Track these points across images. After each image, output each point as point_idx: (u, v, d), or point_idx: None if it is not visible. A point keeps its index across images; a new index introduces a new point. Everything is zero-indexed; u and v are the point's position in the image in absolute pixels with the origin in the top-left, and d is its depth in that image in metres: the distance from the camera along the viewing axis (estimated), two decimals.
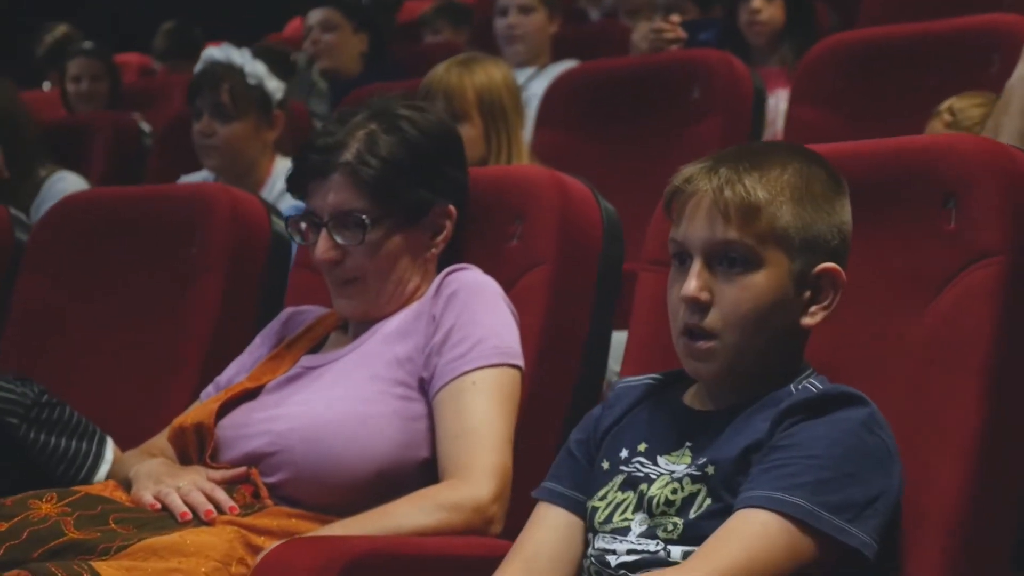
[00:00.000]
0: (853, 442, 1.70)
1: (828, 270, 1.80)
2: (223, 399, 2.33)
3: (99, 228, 2.94)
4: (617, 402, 1.94)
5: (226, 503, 2.16)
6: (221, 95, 3.85)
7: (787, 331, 1.80)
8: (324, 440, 2.20)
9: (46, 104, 6.29)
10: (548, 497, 1.92)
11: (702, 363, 1.80)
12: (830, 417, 1.72)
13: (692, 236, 1.79)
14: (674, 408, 1.87)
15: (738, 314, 1.77)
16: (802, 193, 1.78)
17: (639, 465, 1.83)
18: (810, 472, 1.67)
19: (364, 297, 2.34)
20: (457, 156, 2.41)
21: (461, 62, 3.56)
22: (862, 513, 1.68)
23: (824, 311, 1.81)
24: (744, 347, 1.78)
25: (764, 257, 1.76)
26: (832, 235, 1.80)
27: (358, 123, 2.33)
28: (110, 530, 2.07)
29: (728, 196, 1.76)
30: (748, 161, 1.79)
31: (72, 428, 2.55)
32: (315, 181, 2.33)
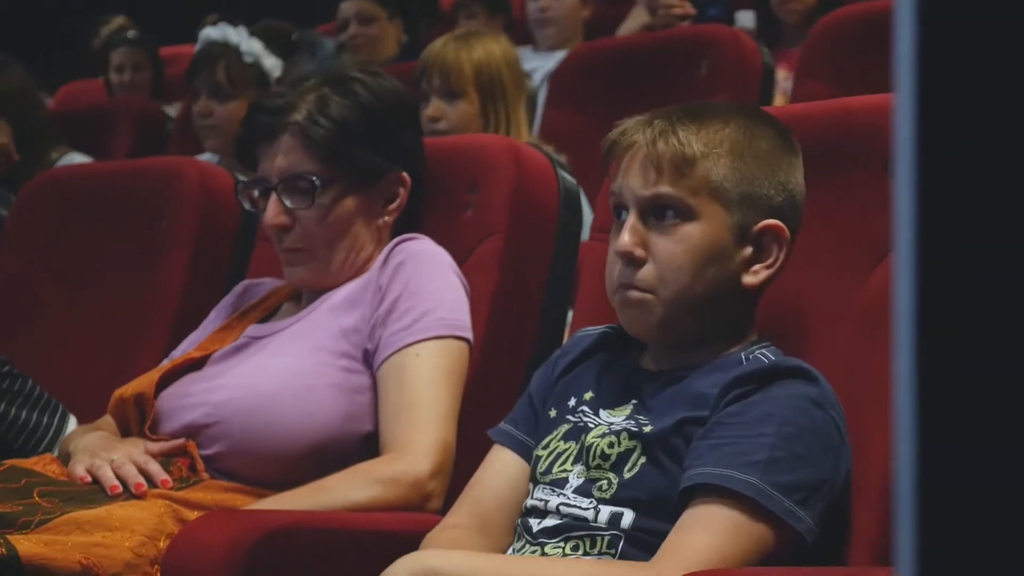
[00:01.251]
0: (803, 422, 1.63)
1: (770, 227, 1.73)
2: (165, 369, 2.28)
3: (73, 204, 2.91)
4: (572, 349, 1.89)
5: (159, 476, 2.10)
6: (217, 74, 3.82)
7: (728, 289, 1.74)
8: (261, 412, 2.14)
9: (94, 95, 6.30)
10: (500, 438, 1.90)
11: (638, 313, 1.75)
12: (780, 391, 1.65)
13: (626, 189, 1.75)
14: (627, 364, 1.82)
15: (672, 266, 1.72)
16: (743, 148, 1.72)
17: (582, 415, 1.79)
18: (761, 450, 1.61)
19: (314, 265, 2.28)
20: (412, 123, 2.35)
21: (459, 37, 3.49)
22: (810, 497, 1.62)
23: (768, 270, 1.75)
24: (680, 302, 1.72)
25: (697, 209, 1.71)
26: (775, 192, 1.74)
27: (310, 86, 2.27)
28: (33, 503, 2.02)
29: (661, 148, 1.71)
30: (688, 115, 1.75)
31: (34, 401, 2.52)
32: (264, 144, 2.27)
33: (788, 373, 1.67)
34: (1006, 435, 0.60)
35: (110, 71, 6.21)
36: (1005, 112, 0.60)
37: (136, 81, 6.11)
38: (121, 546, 1.97)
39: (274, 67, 3.86)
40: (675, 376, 1.75)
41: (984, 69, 0.60)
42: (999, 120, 0.60)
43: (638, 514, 1.68)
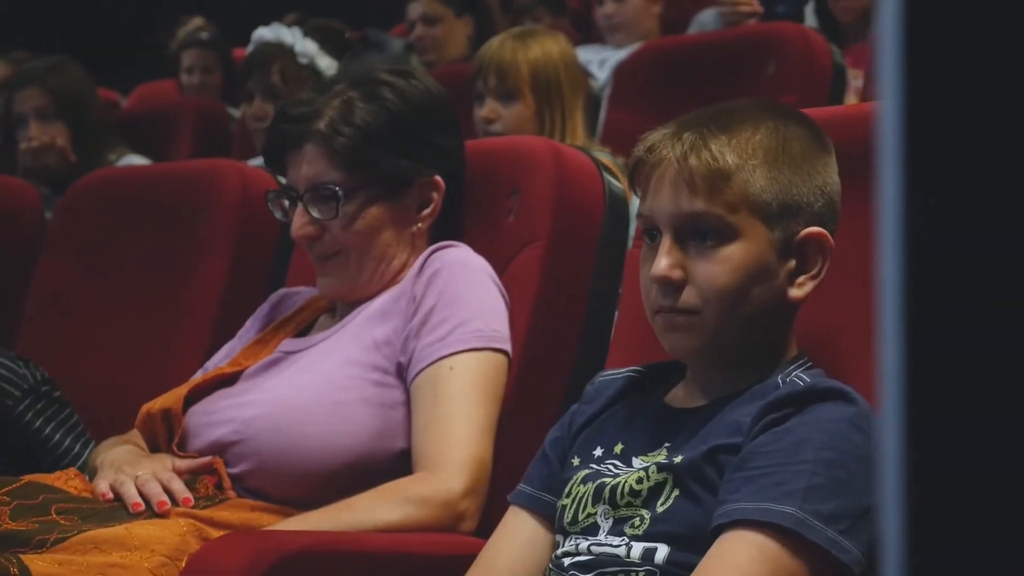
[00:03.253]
0: (844, 445, 1.52)
1: (813, 235, 1.63)
2: (194, 384, 2.21)
3: (114, 207, 2.85)
4: (596, 397, 1.78)
5: (181, 494, 2.02)
6: (272, 76, 3.75)
7: (772, 306, 1.63)
8: (289, 428, 2.06)
9: (166, 96, 6.28)
10: (516, 500, 1.79)
11: (682, 335, 1.63)
12: (816, 414, 1.54)
13: (658, 210, 1.63)
14: (655, 407, 1.71)
15: (715, 288, 1.60)
16: (777, 154, 1.61)
17: (612, 466, 1.67)
18: (799, 479, 1.50)
19: (345, 275, 2.19)
20: (446, 124, 2.24)
21: (517, 36, 3.39)
22: (855, 525, 1.51)
23: (813, 280, 1.64)
24: (726, 323, 1.62)
25: (738, 227, 1.60)
26: (814, 197, 1.63)
27: (337, 91, 2.19)
28: (50, 521, 1.95)
29: (693, 164, 1.59)
30: (715, 123, 1.62)
31: (69, 426, 2.48)
32: (290, 153, 2.19)
33: (825, 395, 1.56)
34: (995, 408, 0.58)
35: (181, 72, 6.19)
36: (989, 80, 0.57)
37: (206, 83, 6.08)
38: (140, 567, 1.89)
39: (329, 67, 3.78)
40: (710, 411, 1.64)
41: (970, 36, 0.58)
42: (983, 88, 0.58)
43: (673, 548, 1.57)
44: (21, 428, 2.44)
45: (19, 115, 3.97)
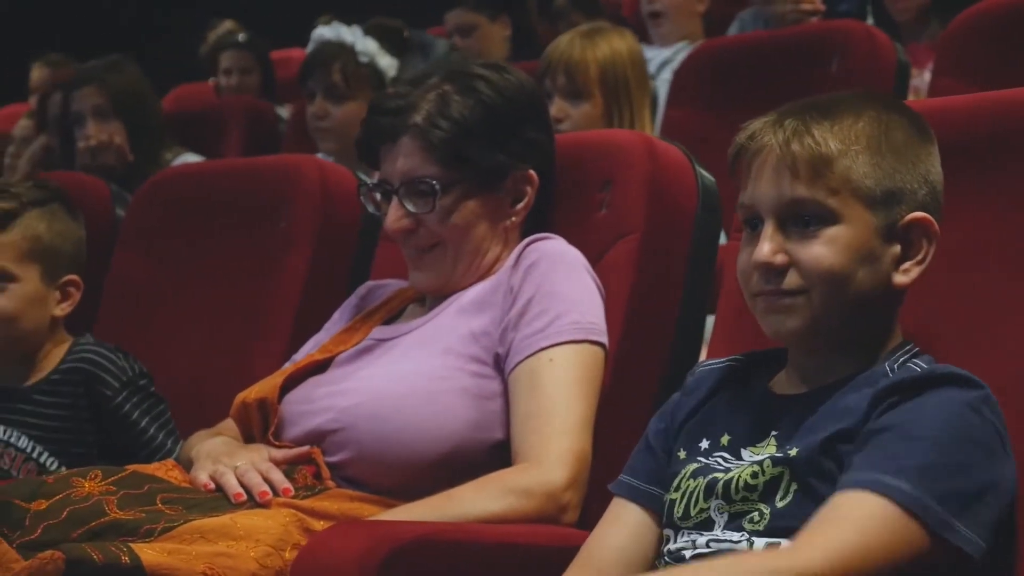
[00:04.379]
0: (961, 425, 1.51)
1: (918, 220, 1.63)
2: (288, 372, 2.21)
3: (191, 202, 2.86)
4: (697, 388, 1.78)
5: (281, 484, 2.02)
6: (332, 75, 3.76)
7: (878, 291, 1.63)
8: (389, 418, 2.06)
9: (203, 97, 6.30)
10: (620, 491, 1.79)
11: (784, 317, 1.62)
12: (935, 398, 1.53)
13: (760, 197, 1.63)
14: (759, 394, 1.71)
15: (820, 270, 1.60)
16: (880, 142, 1.62)
17: (720, 459, 1.67)
18: (914, 455, 1.49)
19: (440, 268, 2.19)
20: (539, 118, 2.25)
21: (585, 34, 3.39)
22: (969, 507, 1.49)
23: (919, 267, 1.64)
24: (831, 304, 1.61)
25: (840, 212, 1.60)
26: (918, 185, 1.63)
27: (431, 84, 2.19)
28: (156, 511, 1.95)
29: (796, 150, 1.60)
30: (817, 111, 1.63)
31: (162, 421, 2.51)
32: (385, 146, 2.19)
33: (944, 380, 1.55)
34: None
35: (219, 74, 6.20)
36: None
37: (244, 84, 6.09)
38: (246, 556, 1.89)
39: (389, 66, 3.79)
40: (816, 398, 1.63)
41: None
42: None
43: None
44: (118, 419, 2.47)
45: (77, 114, 3.99)
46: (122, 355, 2.52)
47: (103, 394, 2.46)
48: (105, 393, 2.46)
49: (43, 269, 2.50)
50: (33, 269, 2.49)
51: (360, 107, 3.74)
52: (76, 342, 2.55)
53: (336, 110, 3.78)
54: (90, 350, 2.52)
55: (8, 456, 2.48)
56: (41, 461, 2.46)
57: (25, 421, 2.49)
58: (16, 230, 2.48)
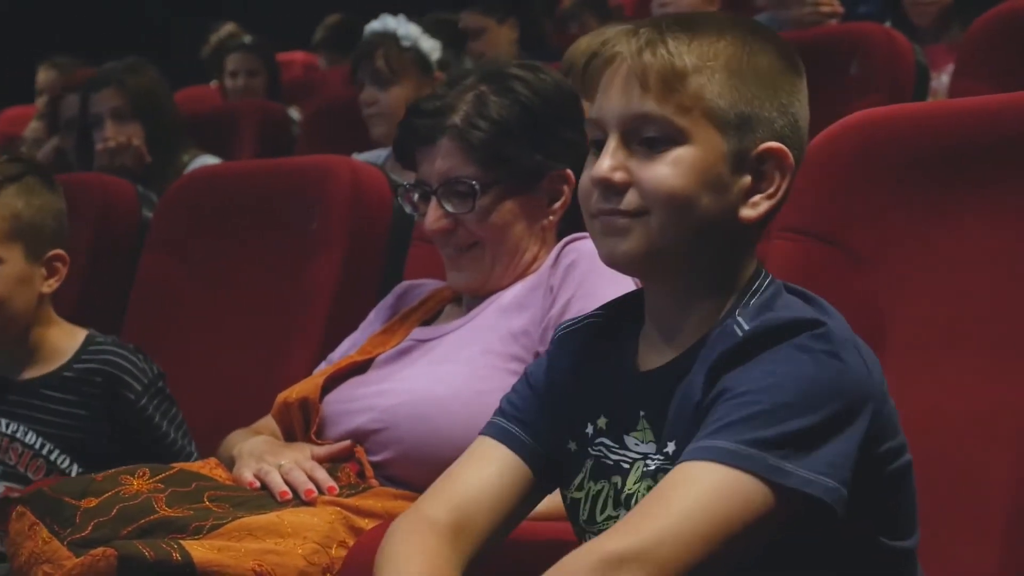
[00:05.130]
0: (789, 369, 1.39)
1: (772, 150, 1.50)
2: (329, 372, 2.23)
3: (220, 203, 2.88)
4: (562, 354, 1.64)
5: (325, 483, 2.04)
6: (376, 61, 3.79)
7: (723, 222, 1.50)
8: (432, 417, 2.08)
9: (206, 98, 6.31)
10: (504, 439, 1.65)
11: (619, 240, 1.50)
12: (768, 353, 1.41)
13: (607, 109, 1.51)
14: (622, 365, 1.58)
15: (661, 190, 1.47)
16: (741, 63, 1.48)
17: (604, 448, 1.57)
18: (736, 411, 1.38)
19: (479, 267, 2.21)
20: (575, 119, 2.26)
21: None
22: (809, 448, 1.36)
23: (769, 201, 1.51)
24: (670, 229, 1.48)
25: (689, 132, 1.47)
26: (777, 114, 1.50)
27: (468, 85, 2.20)
28: (204, 508, 1.97)
29: (647, 60, 1.47)
30: (679, 25, 1.51)
31: (178, 422, 2.51)
32: (423, 147, 2.20)
33: (768, 335, 1.42)
34: None
35: (224, 76, 6.21)
36: None
37: (251, 86, 6.11)
38: (294, 553, 1.91)
39: (432, 49, 3.83)
40: (676, 372, 1.50)
41: None
42: None
43: None
44: (141, 421, 2.46)
45: (96, 116, 4.00)
46: (141, 356, 2.50)
47: (127, 397, 2.45)
48: (129, 396, 2.44)
49: (26, 247, 2.41)
50: (16, 248, 2.40)
51: (406, 90, 3.82)
52: (92, 339, 2.50)
53: (383, 95, 3.82)
54: (111, 351, 2.48)
55: (14, 452, 2.46)
56: (52, 459, 2.44)
57: (32, 416, 2.46)
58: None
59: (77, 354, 2.48)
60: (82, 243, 3.00)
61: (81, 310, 2.94)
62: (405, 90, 3.81)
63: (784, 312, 1.47)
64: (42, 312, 2.48)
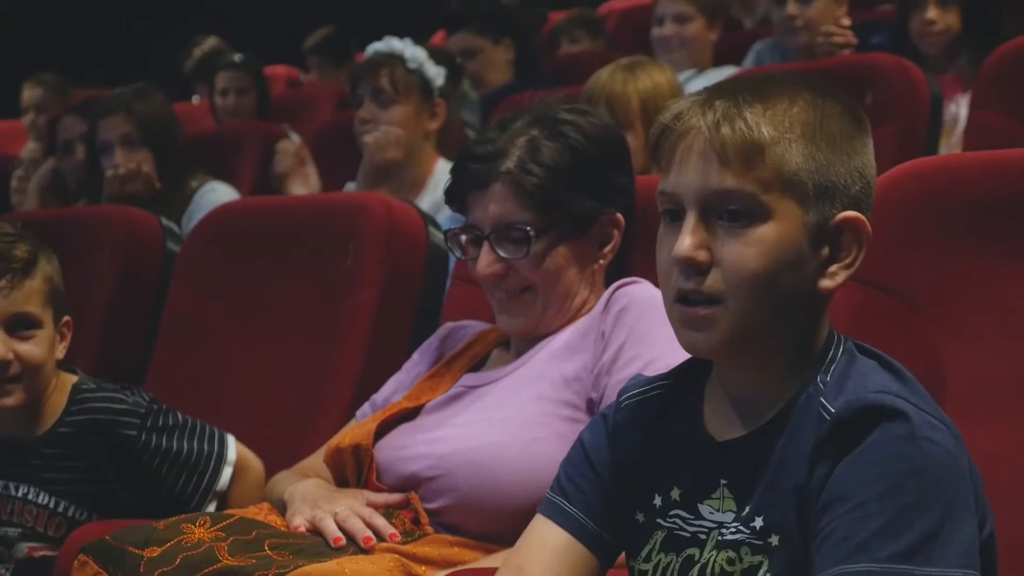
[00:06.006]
0: (898, 467, 1.39)
1: (850, 220, 1.49)
2: (381, 419, 2.22)
3: (251, 239, 2.87)
4: (630, 427, 1.64)
5: (386, 530, 2.05)
6: (380, 79, 3.75)
7: (803, 296, 1.49)
8: (487, 464, 2.08)
9: (195, 117, 6.28)
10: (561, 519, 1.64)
11: (700, 332, 1.49)
12: (872, 445, 1.41)
13: (684, 185, 1.49)
14: (695, 434, 1.57)
15: (743, 274, 1.46)
16: (815, 130, 1.48)
17: (679, 520, 1.56)
18: (864, 525, 1.38)
19: (530, 312, 2.21)
20: (623, 162, 2.27)
21: (626, 67, 3.41)
22: (943, 545, 1.38)
23: (846, 270, 1.50)
24: (751, 313, 1.47)
25: (771, 207, 1.46)
26: (852, 180, 1.49)
27: (519, 129, 2.21)
28: (265, 556, 1.97)
29: (726, 134, 1.46)
30: (750, 93, 1.49)
31: (189, 430, 2.46)
32: (475, 191, 2.20)
33: (877, 417, 1.41)
34: None
35: (214, 94, 6.19)
36: None
37: (241, 104, 6.09)
38: None
39: (437, 75, 3.79)
40: (760, 442, 1.50)
41: None
42: None
43: None
44: (148, 454, 2.41)
45: (105, 142, 3.96)
46: (127, 391, 2.47)
47: (127, 436, 2.41)
48: (129, 435, 2.41)
49: (55, 312, 2.44)
50: (49, 313, 2.42)
51: (406, 111, 3.76)
52: (76, 388, 2.47)
53: (383, 114, 3.76)
54: (97, 398, 2.45)
55: (29, 514, 2.44)
56: (70, 515, 2.42)
57: (40, 477, 2.44)
58: (38, 275, 2.41)
59: (67, 408, 2.45)
60: (107, 276, 2.99)
61: (105, 343, 2.93)
62: (405, 110, 3.76)
63: (865, 383, 1.47)
64: (55, 376, 2.48)
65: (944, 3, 4.06)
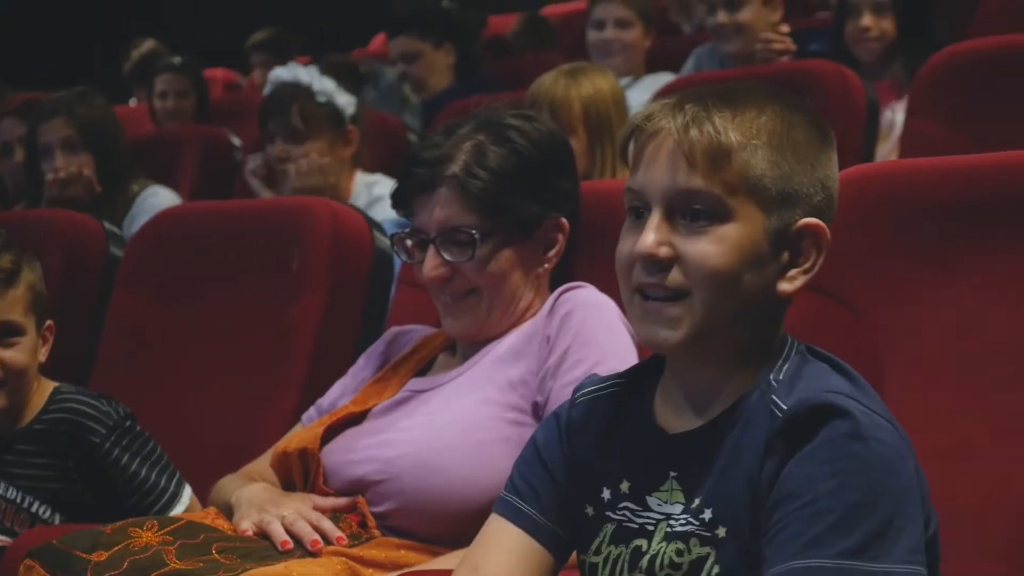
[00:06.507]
0: (848, 465, 1.43)
1: (810, 226, 1.54)
2: (328, 423, 2.24)
3: (196, 243, 2.87)
4: (585, 424, 1.66)
5: (333, 533, 2.06)
6: (292, 117, 3.76)
7: (762, 297, 1.54)
8: (434, 468, 2.10)
9: (133, 119, 6.26)
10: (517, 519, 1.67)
11: (663, 329, 1.53)
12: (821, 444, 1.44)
13: (651, 183, 1.53)
14: (646, 429, 1.61)
15: (705, 269, 1.51)
16: (781, 139, 1.53)
17: (628, 512, 1.60)
18: (814, 522, 1.42)
19: (475, 315, 2.23)
20: (568, 167, 2.30)
21: (568, 73, 3.44)
22: (892, 541, 1.42)
23: (805, 275, 1.55)
24: (714, 311, 1.51)
25: (734, 209, 1.51)
26: (815, 189, 1.55)
27: (465, 134, 2.23)
28: (213, 560, 1.98)
29: (694, 136, 1.51)
30: (720, 99, 1.54)
31: (154, 460, 2.47)
32: (421, 196, 2.22)
33: (818, 418, 1.45)
34: None
35: (153, 97, 6.18)
36: None
37: (180, 107, 6.09)
38: None
39: (348, 104, 3.81)
40: (711, 435, 1.54)
41: None
42: None
43: None
44: (108, 465, 2.43)
45: (45, 146, 3.96)
46: (104, 400, 2.49)
47: (91, 442, 2.42)
48: (93, 441, 2.42)
49: (37, 318, 2.49)
50: (31, 320, 2.48)
51: (320, 147, 3.78)
52: (57, 390, 2.51)
53: (297, 151, 3.77)
54: (72, 399, 2.48)
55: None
56: (33, 511, 2.43)
57: (10, 472, 2.46)
58: (22, 284, 2.46)
59: (45, 406, 2.48)
60: (50, 280, 2.97)
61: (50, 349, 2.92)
62: (319, 146, 3.79)
63: (817, 383, 1.51)
64: (37, 380, 2.52)
65: (879, 10, 4.12)
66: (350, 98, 3.87)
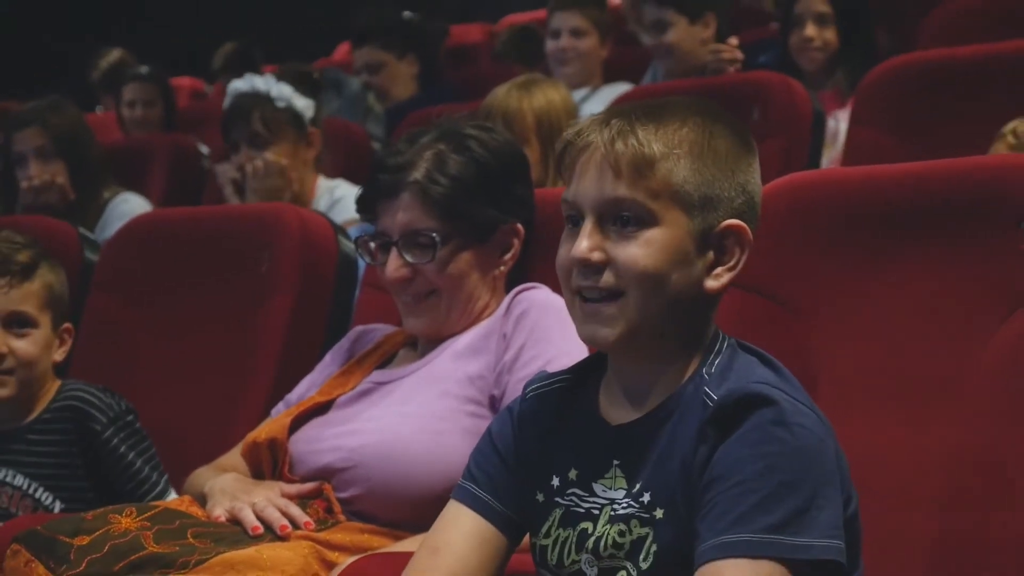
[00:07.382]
0: (771, 449, 1.56)
1: (732, 227, 1.67)
2: (295, 413, 2.36)
3: (168, 248, 2.98)
4: (535, 417, 1.80)
5: (301, 518, 2.19)
6: (253, 124, 3.86)
7: (690, 294, 1.67)
8: (397, 456, 2.23)
9: (101, 128, 6.35)
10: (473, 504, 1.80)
11: (602, 327, 1.67)
12: (748, 430, 1.58)
13: (583, 193, 1.67)
14: (592, 421, 1.74)
15: (635, 270, 1.64)
16: (702, 149, 1.66)
17: (575, 498, 1.73)
18: (741, 500, 1.55)
19: (435, 314, 2.36)
20: (523, 175, 2.44)
21: (521, 85, 3.56)
22: (814, 518, 1.55)
23: (730, 272, 1.68)
24: (646, 309, 1.65)
25: (659, 214, 1.64)
26: (735, 193, 1.67)
27: (427, 143, 2.36)
28: (188, 544, 2.10)
29: (619, 149, 1.64)
30: (644, 114, 1.67)
31: (148, 456, 2.64)
32: (385, 201, 2.35)
33: (746, 407, 1.59)
34: None
35: (122, 106, 6.27)
36: None
37: (148, 116, 6.18)
38: None
39: (306, 107, 3.91)
40: (650, 425, 1.68)
41: None
42: None
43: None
44: (107, 454, 2.59)
45: (19, 154, 4.07)
46: (108, 393, 2.66)
47: (93, 430, 2.60)
48: (95, 429, 2.60)
49: (53, 316, 2.68)
50: (47, 316, 2.67)
51: (284, 150, 3.89)
52: (65, 383, 2.70)
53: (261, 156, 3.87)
54: (78, 388, 2.66)
55: (5, 494, 2.61)
56: (37, 497, 2.59)
57: (19, 460, 2.63)
58: (38, 280, 2.66)
59: (54, 398, 2.67)
60: None
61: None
62: (283, 150, 3.89)
63: (745, 375, 1.65)
64: (50, 377, 2.71)
65: (822, 21, 4.28)
66: (308, 101, 3.97)
